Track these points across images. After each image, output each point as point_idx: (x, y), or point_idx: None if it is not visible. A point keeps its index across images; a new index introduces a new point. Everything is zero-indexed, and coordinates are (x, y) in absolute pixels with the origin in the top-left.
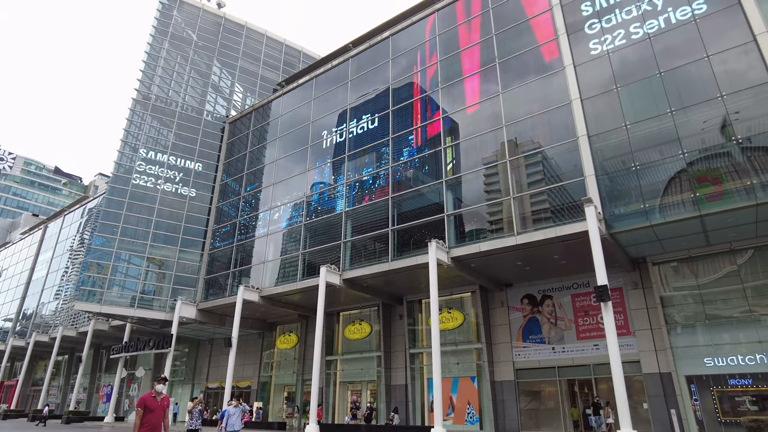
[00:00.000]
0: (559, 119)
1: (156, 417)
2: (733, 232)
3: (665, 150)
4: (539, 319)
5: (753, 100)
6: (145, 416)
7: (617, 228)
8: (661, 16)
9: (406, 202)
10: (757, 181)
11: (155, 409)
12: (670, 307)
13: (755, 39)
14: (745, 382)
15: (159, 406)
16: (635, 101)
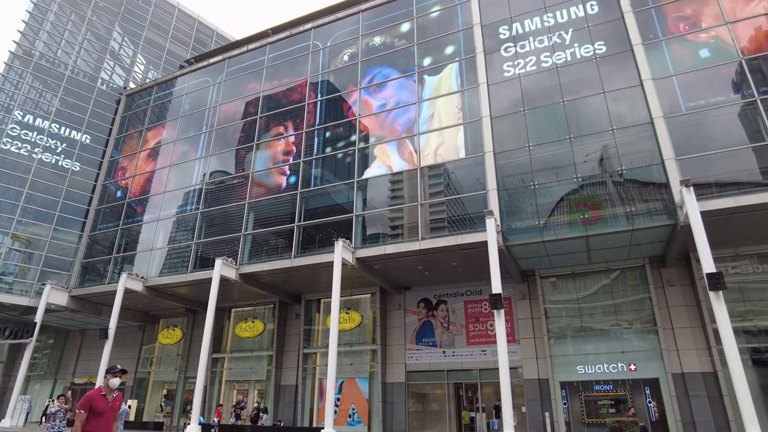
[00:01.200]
0: (470, 133)
1: (105, 423)
2: (610, 253)
3: (561, 173)
4: (433, 323)
5: (636, 137)
6: (90, 421)
7: (513, 241)
8: (569, 50)
9: (315, 199)
10: (631, 210)
11: (104, 412)
12: (552, 318)
13: (641, 83)
14: (608, 388)
15: (109, 408)
16: (539, 125)
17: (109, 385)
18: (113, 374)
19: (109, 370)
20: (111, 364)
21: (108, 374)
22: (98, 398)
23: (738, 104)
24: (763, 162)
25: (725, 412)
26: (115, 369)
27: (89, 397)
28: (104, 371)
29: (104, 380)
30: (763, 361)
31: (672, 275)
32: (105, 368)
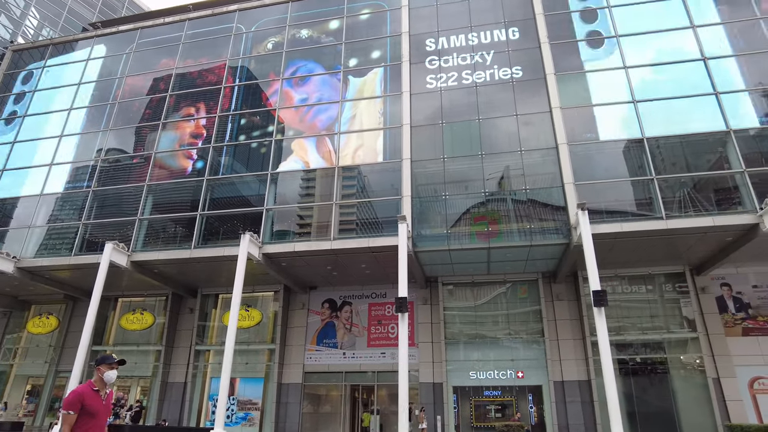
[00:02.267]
0: (389, 139)
1: (98, 427)
2: (509, 266)
3: (471, 186)
4: (336, 324)
5: (541, 159)
6: (81, 425)
7: (422, 247)
8: (488, 71)
9: (222, 189)
10: (531, 227)
11: (98, 413)
12: (449, 324)
13: (551, 110)
14: (496, 393)
15: (103, 408)
16: (455, 139)
17: (104, 379)
18: (109, 365)
19: (103, 359)
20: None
21: (102, 365)
22: (91, 395)
23: (628, 141)
24: (644, 194)
25: (594, 416)
26: (111, 359)
27: (79, 394)
28: (95, 361)
29: (96, 373)
30: (627, 371)
31: (561, 290)
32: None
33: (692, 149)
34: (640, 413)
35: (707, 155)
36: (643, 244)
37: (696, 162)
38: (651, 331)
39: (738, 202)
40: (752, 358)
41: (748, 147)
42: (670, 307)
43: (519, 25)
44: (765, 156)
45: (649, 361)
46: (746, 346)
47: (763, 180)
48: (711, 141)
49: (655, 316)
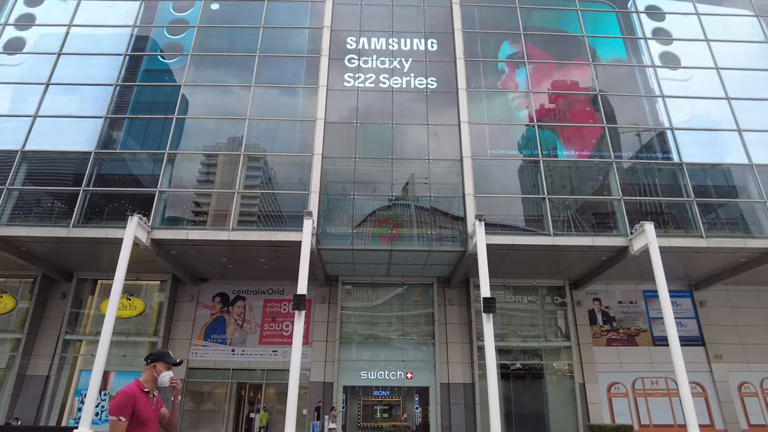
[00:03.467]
0: (302, 132)
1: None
2: (408, 269)
3: (379, 188)
4: (226, 320)
5: (447, 170)
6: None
7: (326, 245)
8: (405, 77)
9: (113, 165)
10: (432, 233)
11: (149, 419)
12: (347, 323)
13: (459, 124)
14: (385, 393)
15: (153, 414)
16: (367, 139)
17: (159, 380)
18: (167, 365)
19: (161, 356)
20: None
21: (160, 363)
22: (142, 397)
23: (525, 160)
24: (535, 212)
25: (475, 417)
26: (170, 358)
27: (131, 396)
28: (150, 356)
29: (150, 371)
30: (507, 375)
31: (453, 295)
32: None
33: (580, 175)
34: (516, 415)
35: (592, 181)
36: (531, 257)
37: (582, 187)
38: (531, 338)
39: (613, 226)
40: (612, 365)
41: (624, 178)
42: (549, 318)
43: (438, 38)
44: (638, 187)
45: (527, 366)
46: (608, 355)
47: (634, 208)
48: (596, 169)
49: (535, 325)
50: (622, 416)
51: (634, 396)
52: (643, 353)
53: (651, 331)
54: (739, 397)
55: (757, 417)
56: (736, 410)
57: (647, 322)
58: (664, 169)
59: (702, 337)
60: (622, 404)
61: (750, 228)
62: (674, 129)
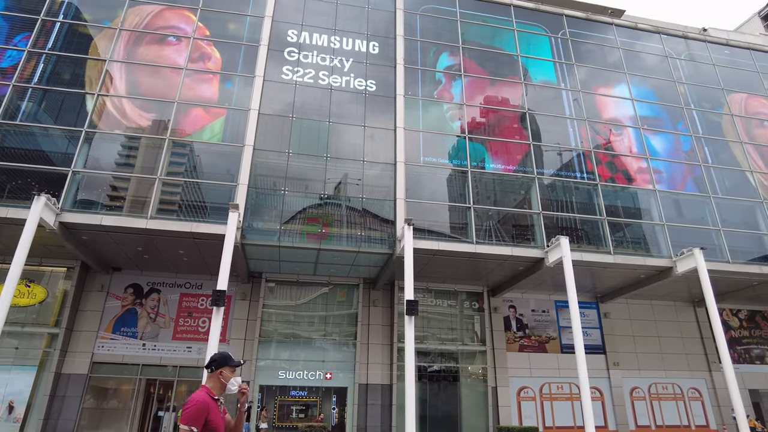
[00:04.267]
0: (234, 121)
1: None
2: (335, 269)
3: (311, 186)
4: (139, 312)
5: (380, 173)
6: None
7: (251, 240)
8: (345, 77)
9: (19, 138)
10: (362, 234)
11: (218, 429)
12: (267, 322)
13: (395, 129)
14: (302, 393)
15: (222, 422)
16: (302, 135)
17: (228, 387)
18: (232, 368)
19: (225, 360)
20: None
21: (225, 368)
22: (213, 406)
23: (455, 169)
24: (461, 220)
25: (391, 418)
26: (234, 361)
27: (205, 404)
28: (212, 362)
29: (215, 378)
30: (424, 377)
31: (378, 297)
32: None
33: (504, 187)
34: (430, 416)
35: (514, 195)
36: (454, 263)
37: (505, 199)
38: (449, 342)
39: (532, 238)
40: (522, 370)
41: (544, 194)
42: (467, 322)
43: (380, 42)
44: (556, 203)
45: (444, 369)
46: (519, 361)
47: (552, 222)
48: (519, 183)
49: (453, 328)
50: (530, 419)
51: (541, 400)
52: (551, 360)
53: (560, 339)
54: (630, 401)
55: (643, 418)
56: (627, 413)
57: (557, 330)
58: (580, 188)
59: (604, 345)
60: (530, 407)
61: (650, 248)
62: (593, 151)
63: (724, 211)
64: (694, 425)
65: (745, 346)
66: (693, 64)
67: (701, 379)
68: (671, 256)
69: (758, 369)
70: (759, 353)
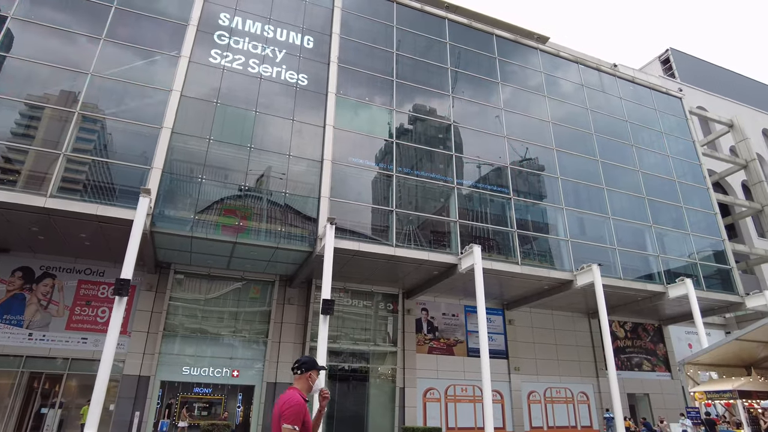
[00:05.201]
0: (151, 101)
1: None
2: (250, 264)
3: (231, 176)
4: (27, 298)
5: (306, 169)
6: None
7: (162, 228)
8: (276, 68)
9: None
10: (282, 230)
11: (310, 427)
12: (174, 315)
13: (325, 126)
14: (207, 391)
15: (311, 421)
16: (226, 123)
17: (314, 389)
18: (316, 369)
19: (313, 363)
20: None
21: (313, 371)
22: (305, 406)
23: (381, 173)
24: (383, 222)
25: None
26: (322, 365)
27: (303, 404)
28: (302, 365)
29: (304, 380)
30: (334, 377)
31: (294, 295)
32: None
33: (425, 194)
34: (337, 416)
35: (435, 202)
36: (374, 264)
37: (426, 205)
38: (361, 342)
39: (448, 244)
40: (430, 372)
41: (462, 203)
42: (381, 323)
43: (315, 37)
44: (472, 213)
45: (354, 369)
46: (428, 362)
47: (467, 231)
48: (440, 191)
49: (367, 329)
50: (434, 419)
51: (446, 401)
52: (457, 362)
53: (467, 343)
54: (527, 404)
55: (537, 420)
56: (523, 415)
57: (465, 334)
58: (495, 201)
59: (507, 351)
60: (435, 408)
61: (554, 261)
62: (509, 167)
63: (619, 232)
64: (580, 426)
65: (628, 354)
66: (604, 95)
67: (589, 384)
68: (572, 269)
69: (636, 375)
70: (638, 361)
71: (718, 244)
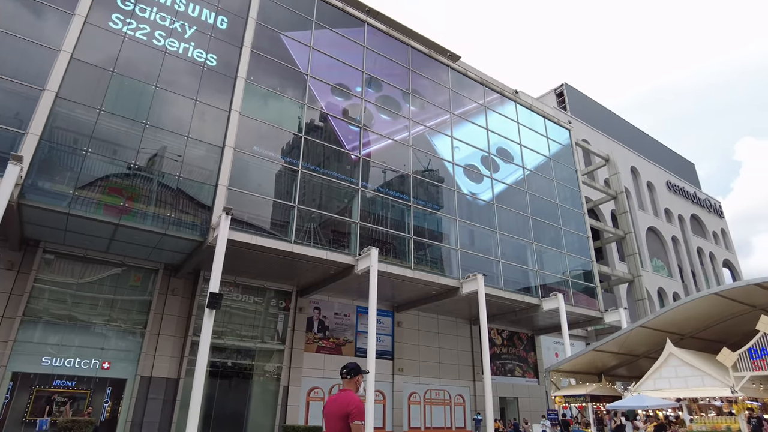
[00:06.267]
0: (36, 59)
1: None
2: (133, 249)
3: (120, 152)
4: None
5: (205, 153)
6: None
7: (33, 201)
8: (183, 44)
9: None
10: (172, 215)
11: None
12: (38, 299)
13: (230, 111)
14: (70, 384)
15: None
16: (121, 94)
17: (360, 389)
18: (361, 374)
19: (360, 368)
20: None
21: (360, 375)
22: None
23: (286, 167)
24: (283, 217)
25: (172, 415)
26: (366, 369)
27: (363, 403)
28: (351, 370)
29: (351, 383)
30: (216, 374)
31: (179, 286)
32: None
33: (330, 193)
34: (216, 414)
35: (338, 202)
36: (270, 260)
37: (329, 204)
38: (248, 339)
39: (347, 245)
40: (316, 371)
41: (365, 206)
42: (270, 320)
43: (230, 18)
44: (374, 216)
45: (239, 366)
46: (315, 362)
47: (367, 233)
48: (344, 192)
49: (255, 326)
50: (316, 419)
51: None
52: (344, 362)
53: (356, 343)
54: (408, 405)
55: (416, 421)
56: (403, 415)
57: (354, 334)
58: (396, 207)
59: (393, 352)
60: (318, 408)
61: (444, 268)
62: (413, 175)
63: (504, 246)
64: (455, 427)
65: (503, 360)
66: (503, 119)
67: (466, 387)
68: (460, 278)
69: (509, 380)
70: (511, 367)
71: (588, 265)
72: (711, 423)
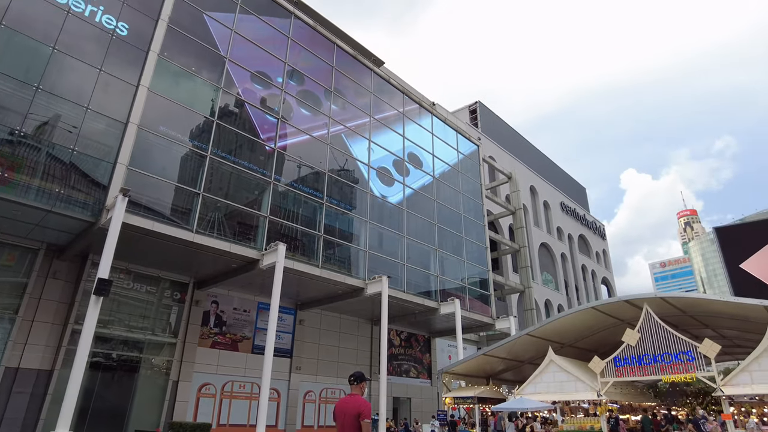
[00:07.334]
0: None
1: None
2: (9, 224)
3: (4, 116)
4: None
5: (105, 128)
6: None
7: None
8: (91, 6)
9: None
10: (60, 191)
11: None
12: None
13: (138, 86)
14: None
15: None
16: (12, 51)
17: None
18: (367, 380)
19: (364, 376)
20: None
21: (364, 381)
22: None
23: (194, 151)
24: (186, 204)
25: (40, 410)
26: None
27: (370, 406)
28: (357, 378)
29: (359, 388)
30: (97, 366)
31: (62, 269)
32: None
33: (239, 183)
34: (94, 409)
35: (248, 193)
36: (168, 248)
37: (237, 194)
38: (137, 330)
39: (253, 238)
40: (209, 367)
41: (276, 200)
42: (163, 312)
43: None
44: (284, 211)
45: (124, 358)
46: (209, 357)
47: (276, 228)
48: (255, 183)
49: (146, 317)
50: (206, 415)
51: (221, 397)
52: (240, 359)
53: (254, 340)
54: (302, 403)
55: (309, 419)
56: (297, 414)
57: (253, 331)
58: (309, 203)
59: (292, 350)
60: (209, 404)
61: (352, 268)
62: (328, 174)
63: (410, 251)
64: None
65: (399, 361)
66: (419, 128)
67: None
68: (366, 278)
69: (404, 381)
70: (407, 368)
71: (484, 273)
72: (578, 423)
